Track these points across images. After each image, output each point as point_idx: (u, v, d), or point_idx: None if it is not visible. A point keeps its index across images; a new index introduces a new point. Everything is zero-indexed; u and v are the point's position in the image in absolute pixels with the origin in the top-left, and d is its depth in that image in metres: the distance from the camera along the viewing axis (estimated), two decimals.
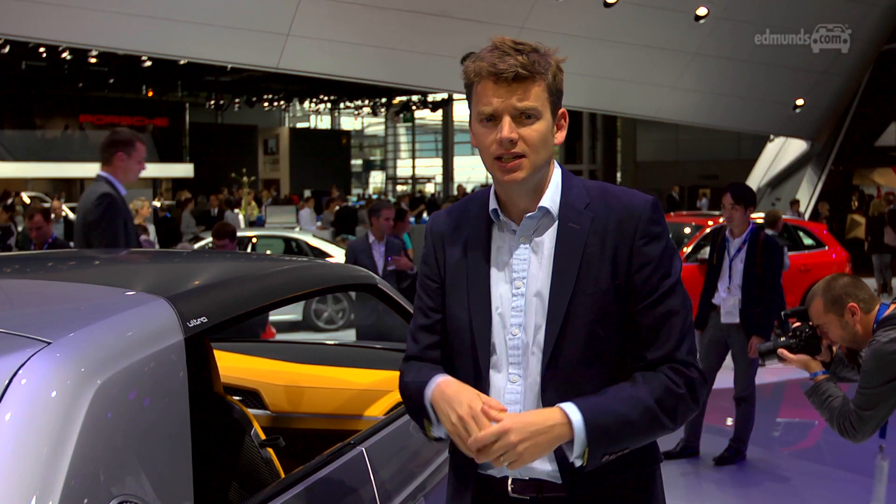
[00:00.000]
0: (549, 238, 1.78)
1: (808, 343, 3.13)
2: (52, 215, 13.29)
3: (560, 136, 1.79)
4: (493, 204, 1.82)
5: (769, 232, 9.71)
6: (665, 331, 1.74)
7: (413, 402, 1.82)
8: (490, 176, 1.81)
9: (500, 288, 1.80)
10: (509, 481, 1.80)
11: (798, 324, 3.18)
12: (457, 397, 1.69)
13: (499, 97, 1.70)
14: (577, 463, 1.67)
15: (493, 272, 1.81)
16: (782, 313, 3.40)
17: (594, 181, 1.88)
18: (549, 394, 1.74)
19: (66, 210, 17.20)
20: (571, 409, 1.66)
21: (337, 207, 19.29)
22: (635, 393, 1.70)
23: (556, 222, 1.78)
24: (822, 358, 3.16)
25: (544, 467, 1.77)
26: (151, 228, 11.29)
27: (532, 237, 1.80)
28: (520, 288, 1.78)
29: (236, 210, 18.75)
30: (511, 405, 1.77)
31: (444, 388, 1.73)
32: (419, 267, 1.98)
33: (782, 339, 3.20)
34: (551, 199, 1.79)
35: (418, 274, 1.96)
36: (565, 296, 1.73)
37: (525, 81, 1.69)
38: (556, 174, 1.83)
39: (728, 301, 5.48)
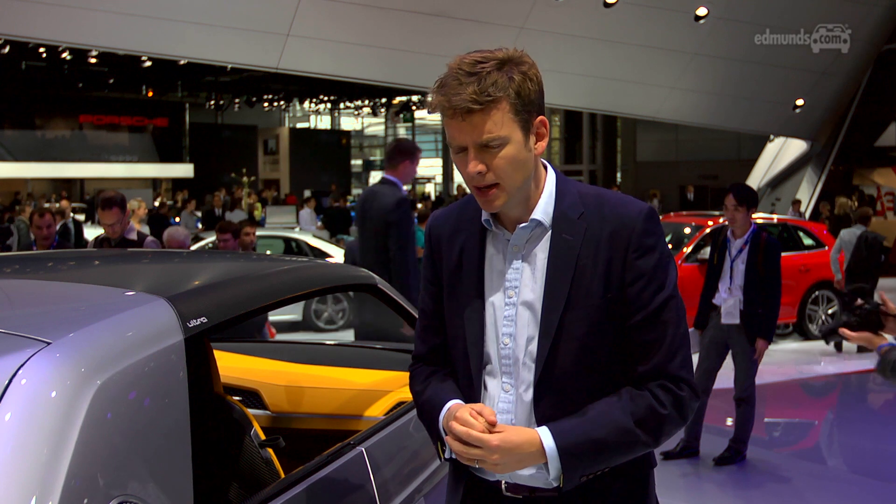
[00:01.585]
0: (542, 249, 1.76)
1: (867, 320, 3.13)
2: (64, 214, 13.30)
3: (541, 146, 1.73)
4: (486, 213, 1.80)
5: (860, 228, 9.73)
6: (657, 344, 1.71)
7: (426, 420, 1.85)
8: None
9: (493, 297, 1.79)
10: (503, 484, 1.80)
11: (860, 301, 3.20)
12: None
13: (460, 131, 1.66)
14: (555, 484, 1.69)
15: (487, 281, 1.80)
16: (844, 291, 3.48)
17: (591, 186, 1.84)
18: (543, 404, 1.73)
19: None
20: (545, 435, 1.67)
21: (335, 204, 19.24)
22: (615, 415, 1.69)
23: (549, 233, 1.76)
24: (891, 332, 3.14)
25: (540, 475, 1.76)
26: (146, 229, 11.30)
27: (525, 247, 1.78)
28: (512, 297, 1.77)
29: (237, 210, 18.73)
30: (503, 413, 1.77)
31: (453, 412, 1.75)
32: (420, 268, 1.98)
33: (843, 317, 3.22)
34: (544, 210, 1.76)
35: (421, 275, 1.96)
36: (557, 309, 1.72)
37: (482, 111, 1.63)
38: (550, 182, 1.79)
39: (728, 302, 5.48)
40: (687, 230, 10.22)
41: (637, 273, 1.71)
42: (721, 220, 9.70)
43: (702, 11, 14.29)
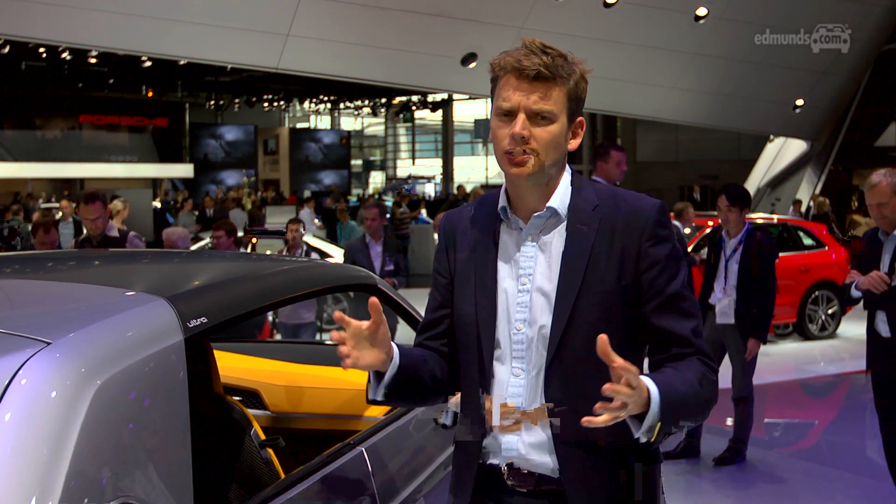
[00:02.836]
0: (556, 238, 1.82)
1: None
2: (61, 213, 13.27)
3: (574, 144, 1.83)
4: (502, 202, 1.87)
5: None
6: (684, 330, 1.78)
7: None
8: (494, 175, 1.83)
9: (506, 284, 1.85)
10: (504, 470, 1.83)
11: None
12: None
13: (519, 92, 1.75)
14: (643, 438, 1.65)
15: (500, 268, 1.86)
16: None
17: (604, 184, 1.91)
18: (553, 387, 1.78)
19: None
20: (649, 383, 1.64)
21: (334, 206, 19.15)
22: (687, 376, 1.73)
23: (565, 223, 1.82)
24: None
25: (544, 461, 1.80)
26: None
27: (539, 236, 1.84)
28: (525, 285, 1.82)
29: (237, 209, 18.73)
30: (514, 398, 1.82)
31: None
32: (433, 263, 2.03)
33: None
34: (560, 200, 1.83)
35: (433, 269, 2.02)
36: (571, 295, 1.77)
37: (546, 82, 1.74)
38: (567, 176, 1.87)
39: (723, 301, 5.49)
40: (687, 230, 10.22)
41: (651, 260, 1.78)
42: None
43: (702, 11, 14.29)
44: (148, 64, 23.44)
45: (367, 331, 1.76)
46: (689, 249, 9.77)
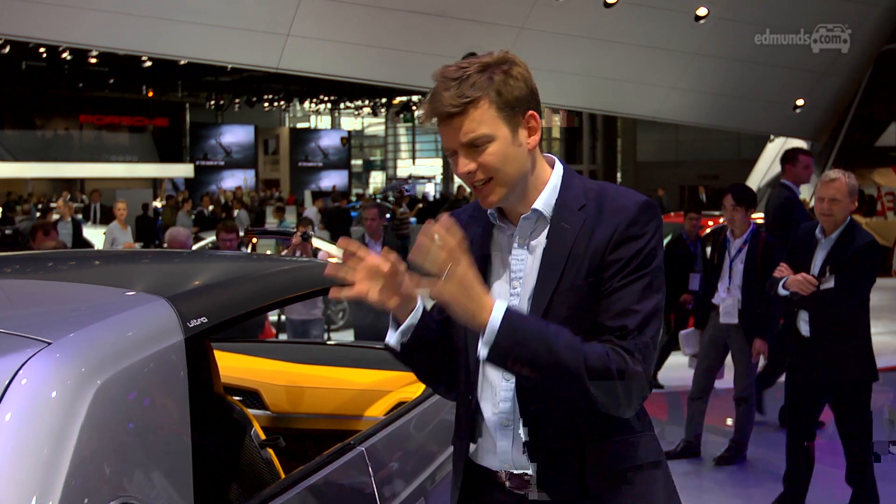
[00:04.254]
0: (543, 239, 1.80)
1: None
2: (58, 216, 13.29)
3: (534, 140, 1.77)
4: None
5: None
6: (617, 324, 1.70)
7: None
8: None
9: (499, 287, 1.83)
10: (504, 476, 1.82)
11: None
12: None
13: (445, 135, 1.74)
14: (483, 353, 1.65)
15: (493, 272, 1.85)
16: None
17: (597, 182, 1.87)
18: (523, 387, 1.77)
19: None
20: (499, 305, 1.65)
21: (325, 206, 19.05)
22: (572, 336, 1.67)
23: (549, 223, 1.80)
24: None
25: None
26: (129, 233, 11.35)
27: (529, 239, 1.82)
28: (516, 288, 1.81)
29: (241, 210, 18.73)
30: (505, 402, 1.81)
31: None
32: None
33: None
34: (545, 201, 1.80)
35: None
36: (547, 293, 1.75)
37: (459, 115, 1.70)
38: (556, 175, 1.83)
39: (727, 301, 5.49)
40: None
41: (614, 258, 1.73)
42: (721, 220, 9.69)
43: (702, 11, 14.28)
44: (148, 64, 23.45)
45: (384, 273, 1.77)
46: None
